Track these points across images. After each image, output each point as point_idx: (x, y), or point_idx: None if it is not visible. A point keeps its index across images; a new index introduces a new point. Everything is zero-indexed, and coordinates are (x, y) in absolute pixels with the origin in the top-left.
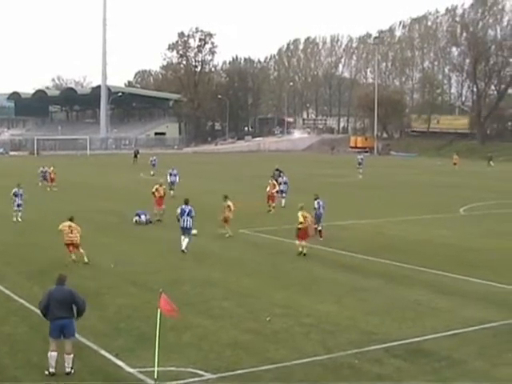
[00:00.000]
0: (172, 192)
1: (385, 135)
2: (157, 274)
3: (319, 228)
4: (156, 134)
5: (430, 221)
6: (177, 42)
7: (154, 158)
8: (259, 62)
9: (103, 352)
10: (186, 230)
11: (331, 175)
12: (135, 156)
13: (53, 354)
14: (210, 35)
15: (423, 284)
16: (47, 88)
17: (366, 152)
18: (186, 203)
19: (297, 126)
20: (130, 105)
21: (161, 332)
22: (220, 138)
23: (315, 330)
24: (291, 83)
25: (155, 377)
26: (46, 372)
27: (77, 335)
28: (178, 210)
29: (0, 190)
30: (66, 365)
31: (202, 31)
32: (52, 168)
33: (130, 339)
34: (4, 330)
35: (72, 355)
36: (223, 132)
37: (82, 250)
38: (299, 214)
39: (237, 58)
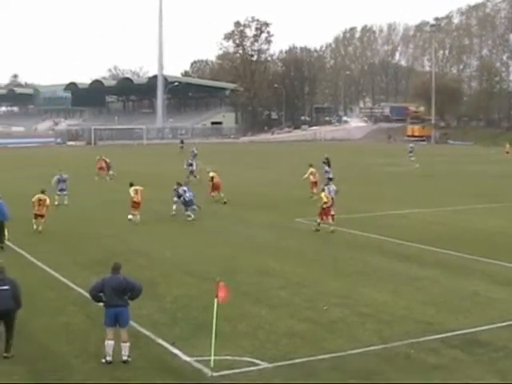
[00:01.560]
0: (191, 178)
1: (442, 124)
2: (213, 264)
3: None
4: (212, 123)
5: (486, 210)
6: (233, 31)
7: (194, 148)
8: (315, 50)
9: (160, 341)
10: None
11: (387, 164)
12: (181, 146)
13: (109, 343)
14: (266, 24)
15: (480, 274)
16: (104, 78)
17: (423, 141)
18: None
19: (353, 115)
20: (186, 94)
21: (217, 321)
22: (276, 128)
23: (371, 319)
24: (347, 72)
25: (211, 366)
26: (103, 360)
27: (134, 324)
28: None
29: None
30: (123, 353)
31: (258, 20)
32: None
33: (186, 328)
34: (61, 319)
35: (128, 343)
36: (279, 121)
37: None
38: (322, 194)
39: (293, 46)
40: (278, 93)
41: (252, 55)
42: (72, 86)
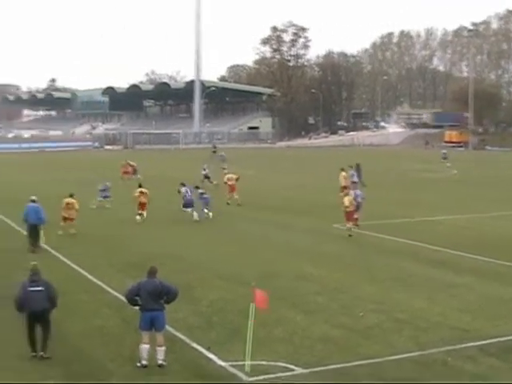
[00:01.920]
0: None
1: (480, 130)
2: (249, 268)
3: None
4: (249, 128)
5: None
6: (270, 36)
7: (223, 153)
8: (353, 55)
9: (195, 345)
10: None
11: (424, 170)
12: (214, 150)
13: (145, 347)
14: (304, 29)
15: None
16: (141, 83)
17: (461, 147)
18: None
19: (391, 121)
20: (223, 99)
21: (253, 326)
22: (313, 133)
23: (408, 326)
24: (385, 77)
25: (246, 370)
26: (138, 364)
27: (169, 328)
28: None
29: (96, 185)
30: (159, 357)
31: (295, 25)
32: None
33: (222, 333)
34: (96, 322)
35: (164, 348)
36: (316, 126)
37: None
38: (345, 198)
39: (330, 51)
40: (315, 98)
41: (289, 60)
42: (110, 91)
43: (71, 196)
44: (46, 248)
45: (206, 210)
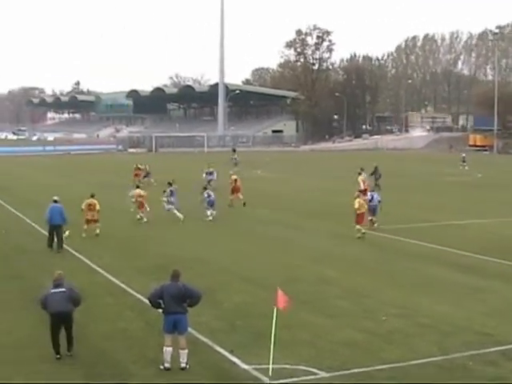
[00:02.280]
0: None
1: (505, 133)
2: (272, 272)
3: (370, 218)
4: (273, 131)
5: None
6: (294, 39)
7: (236, 156)
8: (377, 59)
9: (218, 348)
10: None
11: (448, 174)
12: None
13: (168, 349)
14: (328, 33)
15: None
16: (165, 86)
17: (486, 150)
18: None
19: (415, 124)
20: (247, 102)
21: (276, 329)
22: (337, 136)
23: (431, 330)
24: (409, 80)
25: (270, 374)
26: (161, 367)
27: (193, 331)
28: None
29: (119, 188)
30: (181, 360)
31: (319, 29)
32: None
33: (245, 336)
34: (120, 325)
35: (186, 350)
36: (340, 130)
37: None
38: (356, 201)
39: (355, 55)
40: (339, 101)
41: (313, 63)
42: (134, 94)
43: (92, 196)
44: (69, 250)
45: (211, 211)
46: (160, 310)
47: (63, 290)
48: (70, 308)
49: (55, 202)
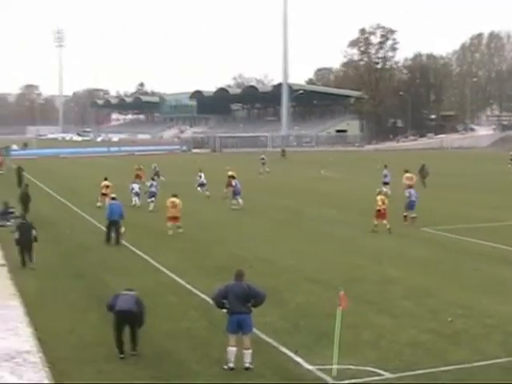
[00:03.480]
0: (207, 192)
1: None
2: (335, 272)
3: (405, 214)
4: (337, 131)
5: None
6: (358, 38)
7: (263, 156)
8: (441, 57)
9: (283, 348)
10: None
11: None
12: (283, 154)
13: (232, 349)
14: (392, 31)
15: None
16: (229, 86)
17: None
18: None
19: (480, 123)
20: (310, 102)
21: (340, 330)
22: (401, 135)
23: (496, 331)
24: (474, 79)
25: (334, 375)
26: (225, 367)
27: (257, 331)
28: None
29: (183, 187)
30: (245, 360)
31: (383, 27)
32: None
33: (309, 336)
34: (184, 325)
35: (250, 350)
36: (405, 129)
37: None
38: (378, 198)
39: (419, 53)
40: (404, 100)
41: (377, 62)
42: (197, 94)
43: (175, 196)
44: (134, 250)
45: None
46: (224, 310)
47: (131, 293)
48: (135, 308)
49: (113, 199)
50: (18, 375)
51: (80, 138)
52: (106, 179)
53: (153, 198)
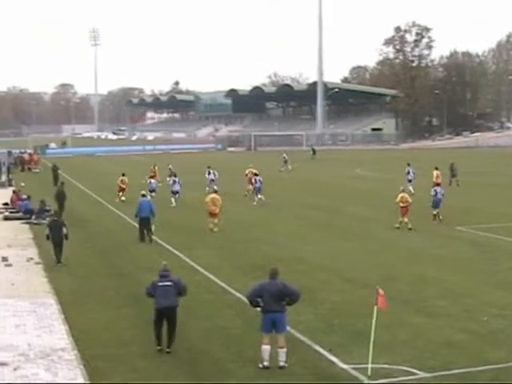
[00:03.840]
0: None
1: None
2: (370, 271)
3: (434, 212)
4: (372, 129)
5: None
6: (393, 36)
7: (285, 155)
8: (477, 55)
9: (317, 347)
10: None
11: None
12: (313, 152)
13: (266, 348)
14: (427, 29)
15: None
16: (264, 85)
17: None
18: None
19: None
20: (345, 100)
21: (375, 329)
22: (437, 134)
23: None
24: (510, 77)
25: (368, 374)
26: (260, 365)
27: (292, 330)
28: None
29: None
30: (280, 359)
31: (418, 25)
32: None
33: (343, 335)
34: (219, 323)
35: (285, 349)
36: (440, 127)
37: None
38: (399, 196)
39: (454, 51)
40: (439, 99)
41: (412, 61)
42: (232, 93)
43: (215, 192)
44: (169, 248)
45: (259, 196)
46: (258, 309)
47: (170, 283)
48: (175, 303)
49: (143, 196)
50: (53, 372)
51: (115, 137)
52: (123, 175)
53: (176, 195)
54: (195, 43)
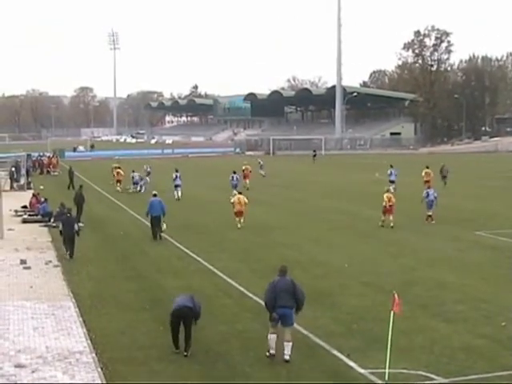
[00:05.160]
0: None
1: None
2: (389, 275)
3: (429, 213)
4: (391, 134)
5: None
6: (412, 40)
7: (260, 160)
8: (497, 59)
9: (335, 352)
10: None
11: None
12: (314, 155)
13: (272, 336)
14: (447, 34)
15: None
16: (282, 89)
17: None
18: None
19: None
20: (364, 105)
21: (393, 334)
22: (456, 138)
23: None
24: None
25: (386, 379)
26: (267, 353)
27: (310, 335)
28: None
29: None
30: (285, 352)
31: (438, 30)
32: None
33: (362, 340)
34: (237, 327)
35: (291, 343)
36: (459, 132)
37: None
38: (384, 195)
39: (474, 56)
40: (458, 103)
41: (431, 65)
42: (251, 97)
43: (240, 193)
44: (188, 253)
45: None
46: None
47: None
48: (190, 304)
49: (154, 195)
50: (71, 375)
51: (134, 140)
52: (119, 167)
53: (178, 189)
54: (214, 47)
